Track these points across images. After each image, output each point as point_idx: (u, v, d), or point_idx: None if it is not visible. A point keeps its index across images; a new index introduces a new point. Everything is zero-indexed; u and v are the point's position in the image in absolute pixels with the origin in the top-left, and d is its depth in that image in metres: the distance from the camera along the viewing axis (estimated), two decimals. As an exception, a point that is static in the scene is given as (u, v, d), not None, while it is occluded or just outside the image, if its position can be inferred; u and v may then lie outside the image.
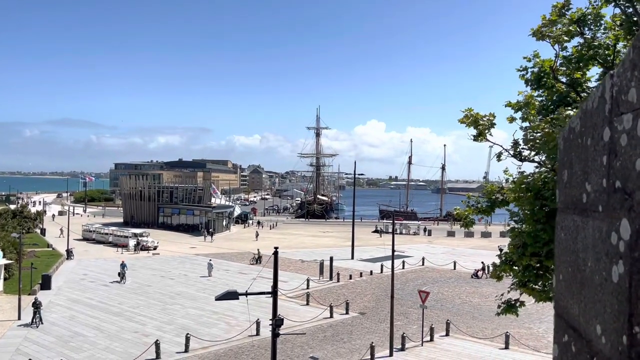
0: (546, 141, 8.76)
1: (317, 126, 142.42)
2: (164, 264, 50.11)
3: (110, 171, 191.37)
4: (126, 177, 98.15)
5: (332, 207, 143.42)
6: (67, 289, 38.12)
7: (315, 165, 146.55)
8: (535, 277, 10.03)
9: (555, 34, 10.33)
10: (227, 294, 13.89)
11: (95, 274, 44.02)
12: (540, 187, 8.90)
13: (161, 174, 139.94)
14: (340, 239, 75.44)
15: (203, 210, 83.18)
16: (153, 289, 38.85)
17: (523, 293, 10.69)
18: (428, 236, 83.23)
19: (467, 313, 33.72)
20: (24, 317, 29.26)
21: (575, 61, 10.78)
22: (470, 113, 10.63)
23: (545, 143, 8.82)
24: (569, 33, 10.33)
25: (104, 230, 66.74)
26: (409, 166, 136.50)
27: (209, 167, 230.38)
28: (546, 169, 9.58)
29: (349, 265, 50.33)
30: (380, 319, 31.48)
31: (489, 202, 10.49)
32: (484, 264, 47.60)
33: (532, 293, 10.31)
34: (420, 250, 63.10)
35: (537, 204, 8.83)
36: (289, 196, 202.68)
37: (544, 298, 10.28)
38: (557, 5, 10.78)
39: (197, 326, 29.06)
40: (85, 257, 53.02)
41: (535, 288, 10.31)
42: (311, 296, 35.60)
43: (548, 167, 9.33)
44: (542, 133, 9.02)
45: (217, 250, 59.39)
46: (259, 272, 42.85)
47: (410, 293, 38.55)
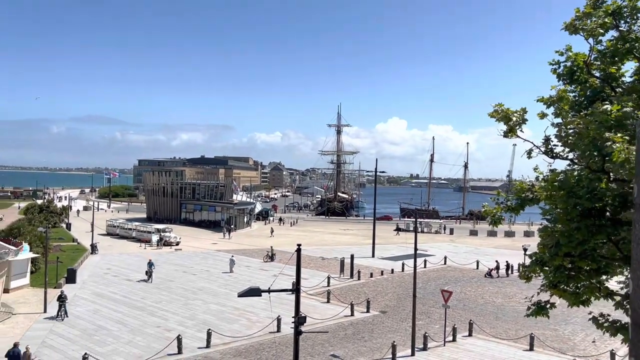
0: (581, 137, 8.45)
1: (338, 123, 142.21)
2: (186, 260, 50.54)
3: (134, 167, 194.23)
4: (149, 173, 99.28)
5: (353, 205, 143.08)
6: (92, 282, 38.67)
7: (335, 163, 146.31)
8: (567, 279, 9.70)
9: (589, 27, 9.96)
10: (249, 291, 13.81)
11: (118, 269, 44.59)
12: (573, 185, 8.59)
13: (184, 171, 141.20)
14: (360, 236, 75.18)
15: (225, 206, 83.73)
16: (175, 284, 39.17)
17: (553, 295, 10.36)
18: (450, 235, 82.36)
19: (491, 313, 33.20)
20: (49, 310, 29.75)
21: (610, 55, 10.38)
22: (500, 108, 10.33)
23: (580, 139, 8.50)
24: (604, 26, 9.95)
25: (127, 225, 67.63)
26: (430, 164, 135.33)
27: (230, 164, 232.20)
28: (580, 166, 9.25)
29: (369, 263, 50.06)
30: (402, 318, 31.19)
31: (519, 200, 10.16)
32: (498, 263, 47.05)
33: (564, 295, 9.98)
34: (442, 249, 62.46)
35: (571, 203, 8.52)
36: (310, 193, 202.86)
37: (577, 301, 9.95)
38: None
39: (218, 322, 29.18)
40: (109, 251, 53.80)
41: (567, 290, 9.99)
42: (332, 294, 35.46)
43: (582, 164, 8.99)
44: (577, 129, 8.70)
45: (238, 247, 59.66)
46: (281, 268, 42.94)
47: (432, 292, 38.15)
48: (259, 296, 14.12)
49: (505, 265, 46.79)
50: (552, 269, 9.76)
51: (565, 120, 9.80)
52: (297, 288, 14.74)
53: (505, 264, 46.97)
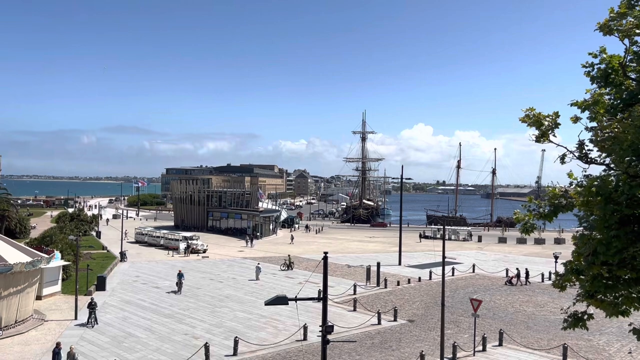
0: (619, 142, 8.13)
1: (363, 130, 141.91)
2: (213, 267, 50.88)
3: (162, 176, 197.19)
4: (177, 181, 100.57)
5: (378, 212, 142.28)
6: (121, 290, 39.21)
7: (360, 170, 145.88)
8: (605, 288, 9.33)
9: (624, 28, 9.63)
10: (276, 299, 13.73)
11: (147, 276, 45.13)
12: (611, 191, 8.27)
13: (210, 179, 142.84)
14: (386, 244, 74.62)
15: (250, 214, 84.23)
16: (202, 291, 39.42)
17: (590, 305, 9.98)
18: (478, 242, 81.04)
19: (521, 322, 32.41)
20: (80, 317, 30.24)
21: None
22: (532, 112, 10.06)
23: (617, 144, 8.19)
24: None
25: (155, 233, 68.53)
26: (457, 170, 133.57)
27: (256, 172, 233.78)
28: (617, 172, 8.91)
29: (396, 271, 49.57)
30: (430, 327, 30.70)
31: (552, 207, 9.84)
32: (518, 271, 46.26)
33: (601, 305, 9.59)
34: (470, 256, 61.48)
35: (609, 209, 8.19)
36: (335, 201, 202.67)
37: (616, 312, 9.56)
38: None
39: (245, 329, 29.19)
40: (137, 259, 54.55)
41: (605, 300, 9.60)
42: (358, 302, 35.16)
43: (620, 169, 8.66)
44: (614, 133, 8.38)
45: (264, 254, 59.82)
46: (307, 276, 42.85)
47: (461, 301, 37.49)
48: (285, 304, 14.03)
49: (524, 273, 45.96)
50: (588, 278, 9.41)
51: (600, 124, 9.47)
52: (324, 296, 14.60)
53: (525, 271, 46.12)
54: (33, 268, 29.23)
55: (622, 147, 8.17)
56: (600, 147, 9.09)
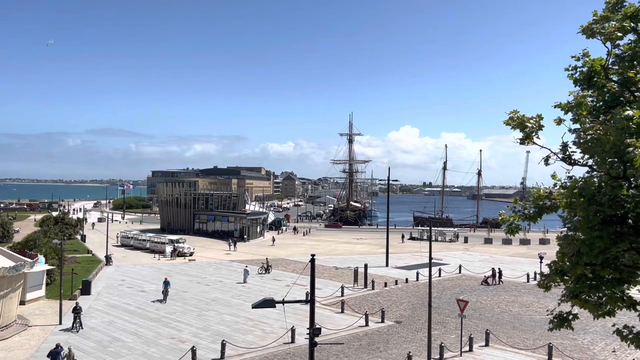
0: (601, 143, 8.24)
1: (350, 132, 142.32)
2: (199, 270, 50.57)
3: (148, 179, 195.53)
4: (163, 184, 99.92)
5: (366, 214, 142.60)
6: (106, 294, 38.80)
7: (348, 172, 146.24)
8: (589, 289, 9.44)
9: (607, 31, 9.78)
10: (264, 302, 13.69)
11: (133, 280, 44.72)
12: (594, 192, 8.38)
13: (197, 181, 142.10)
14: (374, 246, 74.80)
15: (237, 216, 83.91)
16: (189, 295, 39.15)
17: (575, 305, 10.09)
18: (464, 243, 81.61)
19: (507, 322, 32.69)
20: (65, 322, 29.86)
21: (628, 59, 10.17)
22: (515, 115, 10.16)
23: (599, 145, 8.30)
24: (622, 29, 9.74)
25: (141, 236, 67.96)
26: (443, 172, 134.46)
27: (243, 174, 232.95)
28: (600, 173, 9.03)
29: (383, 273, 49.70)
30: (417, 328, 30.82)
31: (536, 208, 9.93)
32: (493, 270, 46.91)
33: (586, 306, 9.69)
34: (456, 257, 61.87)
35: (592, 210, 8.29)
36: (322, 203, 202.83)
37: (601, 312, 9.67)
38: (609, 1, 10.23)
39: (232, 333, 29.05)
40: (123, 263, 54.03)
41: (589, 300, 9.71)
42: (346, 304, 35.19)
43: (602, 171, 8.78)
44: (597, 135, 8.49)
45: (252, 257, 59.61)
46: (295, 279, 42.78)
47: (448, 301, 37.70)
48: (273, 307, 13.99)
49: (497, 272, 46.72)
50: (572, 279, 9.51)
51: (583, 126, 9.59)
52: (311, 299, 14.59)
53: (498, 271, 46.89)
54: (16, 273, 28.80)
55: (604, 148, 8.28)
56: (583, 148, 9.20)
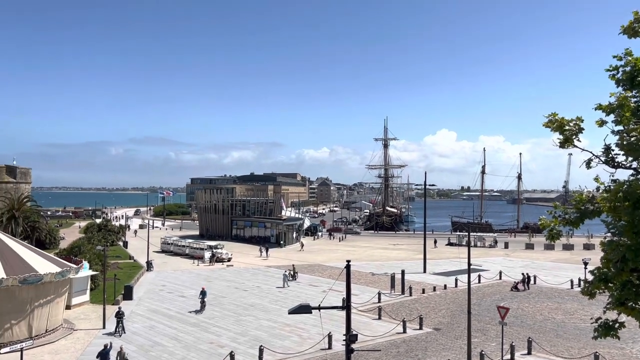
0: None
1: (385, 137, 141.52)
2: (237, 276, 51.18)
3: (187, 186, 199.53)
4: (201, 191, 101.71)
5: (402, 219, 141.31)
6: (147, 299, 39.71)
7: (383, 177, 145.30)
8: (635, 296, 9.09)
9: (650, 29, 9.46)
10: (300, 308, 13.74)
11: (173, 285, 45.63)
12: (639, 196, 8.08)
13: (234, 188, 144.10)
14: (411, 251, 74.02)
15: (274, 222, 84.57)
16: (227, 300, 39.66)
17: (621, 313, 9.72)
18: (505, 249, 79.76)
19: (550, 330, 31.72)
20: (108, 326, 30.71)
21: (674, 57, 9.81)
22: (554, 118, 9.91)
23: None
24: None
25: (181, 242, 69.30)
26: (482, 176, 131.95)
27: (279, 180, 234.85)
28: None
29: (421, 279, 49.10)
30: (456, 336, 30.28)
31: (578, 213, 9.65)
32: (524, 275, 45.67)
33: (632, 313, 9.33)
34: (496, 263, 60.54)
35: (638, 215, 7.99)
36: (358, 208, 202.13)
37: (648, 320, 9.30)
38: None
39: (270, 338, 29.24)
40: (163, 268, 55.21)
41: (636, 308, 9.34)
42: (383, 310, 34.91)
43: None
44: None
45: (288, 262, 59.89)
46: (331, 285, 42.76)
47: (488, 308, 36.91)
48: (309, 313, 14.03)
49: (527, 277, 45.71)
50: (618, 286, 9.18)
51: (627, 127, 9.28)
52: (347, 305, 14.56)
53: (527, 276, 45.88)
54: (62, 278, 29.84)
55: (649, 150, 7.99)
56: (627, 150, 8.88)
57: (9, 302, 27.00)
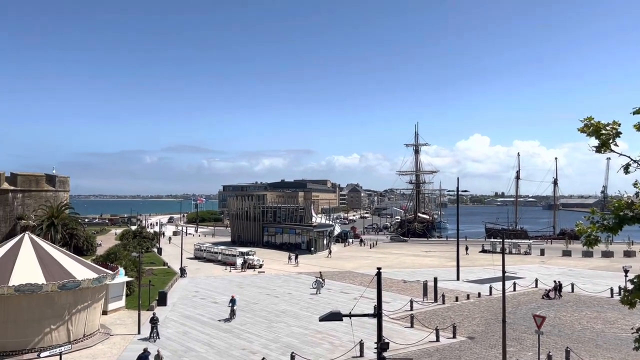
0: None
1: (416, 143, 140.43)
2: (269, 282, 51.47)
3: (219, 193, 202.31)
4: (233, 198, 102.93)
5: (434, 226, 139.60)
6: (181, 305, 40.32)
7: (414, 183, 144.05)
8: (678, 305, 8.75)
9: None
10: (330, 315, 13.71)
11: (205, 291, 46.20)
12: (681, 202, 7.79)
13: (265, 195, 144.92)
14: (443, 258, 73.05)
15: (304, 229, 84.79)
16: (259, 306, 39.91)
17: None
18: (541, 256, 77.84)
19: (590, 340, 30.75)
20: (143, 332, 31.30)
21: None
22: (590, 122, 9.65)
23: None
24: None
25: (213, 249, 70.20)
26: (516, 181, 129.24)
27: (309, 187, 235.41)
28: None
29: (454, 287, 48.37)
30: (491, 345, 29.67)
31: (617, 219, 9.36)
32: (556, 283, 44.41)
33: (676, 323, 8.99)
34: (532, 271, 59.15)
35: (679, 221, 7.71)
36: (388, 214, 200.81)
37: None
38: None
39: (301, 345, 29.26)
40: (196, 275, 55.99)
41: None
42: (415, 318, 34.52)
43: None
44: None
45: (319, 269, 59.88)
46: (362, 292, 42.54)
47: (523, 317, 36.07)
48: (340, 320, 13.99)
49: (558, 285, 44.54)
50: (659, 295, 8.86)
51: (667, 131, 8.97)
52: (378, 313, 14.46)
53: (558, 284, 44.69)
54: (99, 284, 30.61)
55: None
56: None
57: (48, 308, 27.86)
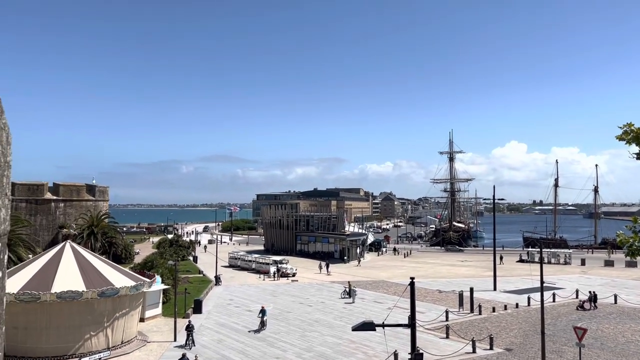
0: None
1: (450, 150, 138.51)
2: (302, 291, 51.52)
3: (253, 202, 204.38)
4: (267, 207, 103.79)
5: (470, 235, 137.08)
6: (216, 313, 40.76)
7: (449, 191, 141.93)
8: None
9: None
10: (363, 325, 13.65)
11: (240, 299, 46.59)
12: None
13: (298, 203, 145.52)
14: (480, 268, 71.67)
15: (337, 237, 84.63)
16: (293, 315, 39.97)
17: None
18: (581, 266, 75.41)
19: (634, 354, 29.55)
20: (178, 339, 31.77)
21: None
22: (630, 128, 9.33)
23: None
24: None
25: (247, 257, 70.80)
26: (555, 189, 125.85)
27: (342, 196, 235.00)
28: None
29: (491, 297, 47.34)
30: (530, 357, 28.85)
31: (661, 229, 9.00)
32: (591, 294, 42.87)
33: None
34: (572, 281, 57.37)
35: None
36: (423, 223, 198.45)
37: None
38: None
39: (335, 355, 29.14)
40: (231, 283, 56.54)
41: None
42: (451, 329, 33.91)
43: None
44: None
45: (352, 278, 59.62)
46: (396, 301, 42.11)
47: (564, 329, 34.97)
48: (373, 330, 13.90)
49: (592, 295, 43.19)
50: None
51: None
52: (412, 323, 14.30)
53: (593, 294, 43.35)
54: (137, 292, 31.28)
55: None
56: None
57: (88, 314, 28.62)
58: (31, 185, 70.66)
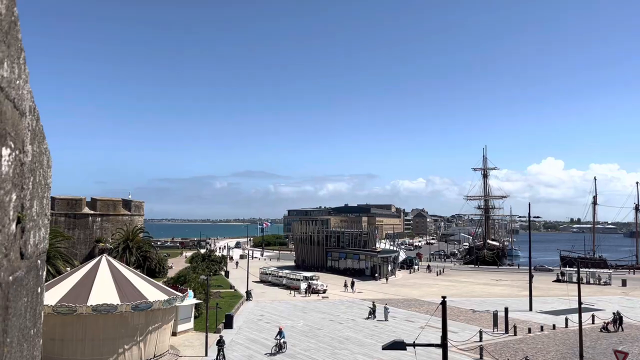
0: None
1: (484, 167, 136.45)
2: (332, 308, 51.20)
3: (284, 217, 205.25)
4: (298, 222, 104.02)
5: (505, 253, 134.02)
6: (247, 328, 40.87)
7: (483, 208, 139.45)
8: None
9: None
10: (394, 344, 13.48)
11: (270, 315, 46.61)
12: None
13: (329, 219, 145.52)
14: (515, 287, 69.86)
15: (368, 254, 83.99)
16: (323, 332, 39.72)
17: None
18: (622, 287, 72.62)
19: (681, 382, 28.18)
20: (210, 354, 31.93)
21: None
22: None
23: None
24: None
25: (278, 273, 70.94)
26: (594, 207, 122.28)
27: (373, 212, 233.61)
28: None
29: (527, 318, 46.03)
30: (568, 381, 27.85)
31: None
32: (615, 315, 41.12)
33: None
34: (612, 302, 55.29)
35: None
36: (456, 241, 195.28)
37: None
38: None
39: (365, 374, 28.74)
40: (262, 298, 56.68)
41: None
42: (485, 350, 33.06)
43: None
44: None
45: (384, 296, 59.01)
46: (427, 320, 41.41)
47: (604, 352, 33.63)
48: (403, 350, 13.70)
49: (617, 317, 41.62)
50: None
51: None
52: (444, 343, 14.04)
53: (618, 315, 41.74)
54: (169, 306, 31.69)
55: None
56: None
57: (122, 327, 29.12)
58: (70, 200, 72.83)
